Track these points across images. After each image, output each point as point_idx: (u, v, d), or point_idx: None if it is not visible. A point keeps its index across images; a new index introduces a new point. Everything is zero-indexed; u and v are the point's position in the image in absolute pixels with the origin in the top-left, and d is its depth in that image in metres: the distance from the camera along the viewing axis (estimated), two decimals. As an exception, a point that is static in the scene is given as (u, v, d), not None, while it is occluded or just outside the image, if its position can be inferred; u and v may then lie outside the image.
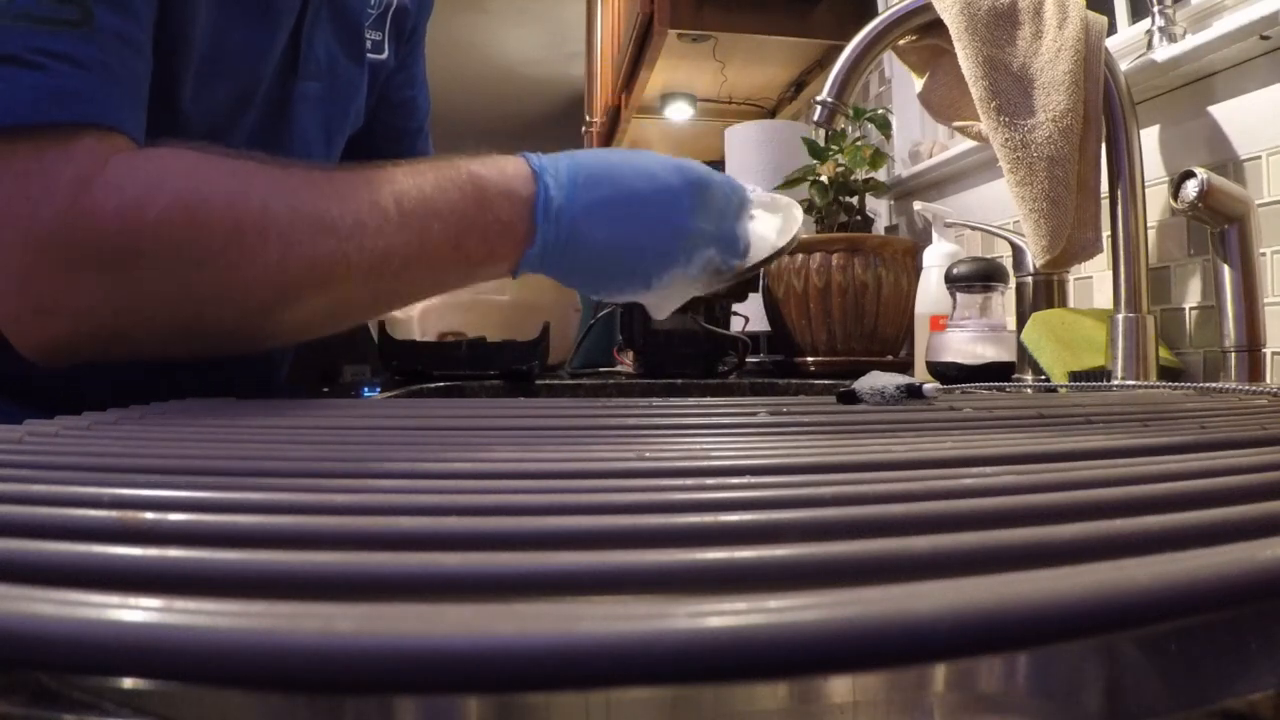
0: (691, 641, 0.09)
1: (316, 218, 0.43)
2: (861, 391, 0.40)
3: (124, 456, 0.22)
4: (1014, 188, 0.66)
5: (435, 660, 0.09)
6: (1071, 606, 0.10)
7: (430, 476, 0.20)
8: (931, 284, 0.89)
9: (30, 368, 0.44)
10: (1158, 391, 0.52)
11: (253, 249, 0.41)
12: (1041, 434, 0.28)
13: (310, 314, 0.45)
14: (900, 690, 0.15)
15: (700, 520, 0.15)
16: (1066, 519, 0.15)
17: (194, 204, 0.40)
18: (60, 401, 0.55)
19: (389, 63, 0.72)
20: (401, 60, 0.75)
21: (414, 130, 0.78)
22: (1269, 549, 0.12)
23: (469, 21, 3.70)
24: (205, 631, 0.09)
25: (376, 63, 0.70)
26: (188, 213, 0.40)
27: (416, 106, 0.78)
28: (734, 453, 0.24)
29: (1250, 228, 0.63)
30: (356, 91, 0.67)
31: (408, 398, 0.75)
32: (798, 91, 1.82)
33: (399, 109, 0.76)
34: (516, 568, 0.12)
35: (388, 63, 0.71)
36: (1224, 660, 0.14)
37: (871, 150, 1.07)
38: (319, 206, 0.43)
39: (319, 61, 0.61)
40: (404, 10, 0.71)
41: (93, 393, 0.56)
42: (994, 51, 0.67)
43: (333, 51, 0.63)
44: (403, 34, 0.73)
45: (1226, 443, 0.25)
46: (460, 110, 4.51)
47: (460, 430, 0.30)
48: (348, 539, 0.14)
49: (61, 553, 0.13)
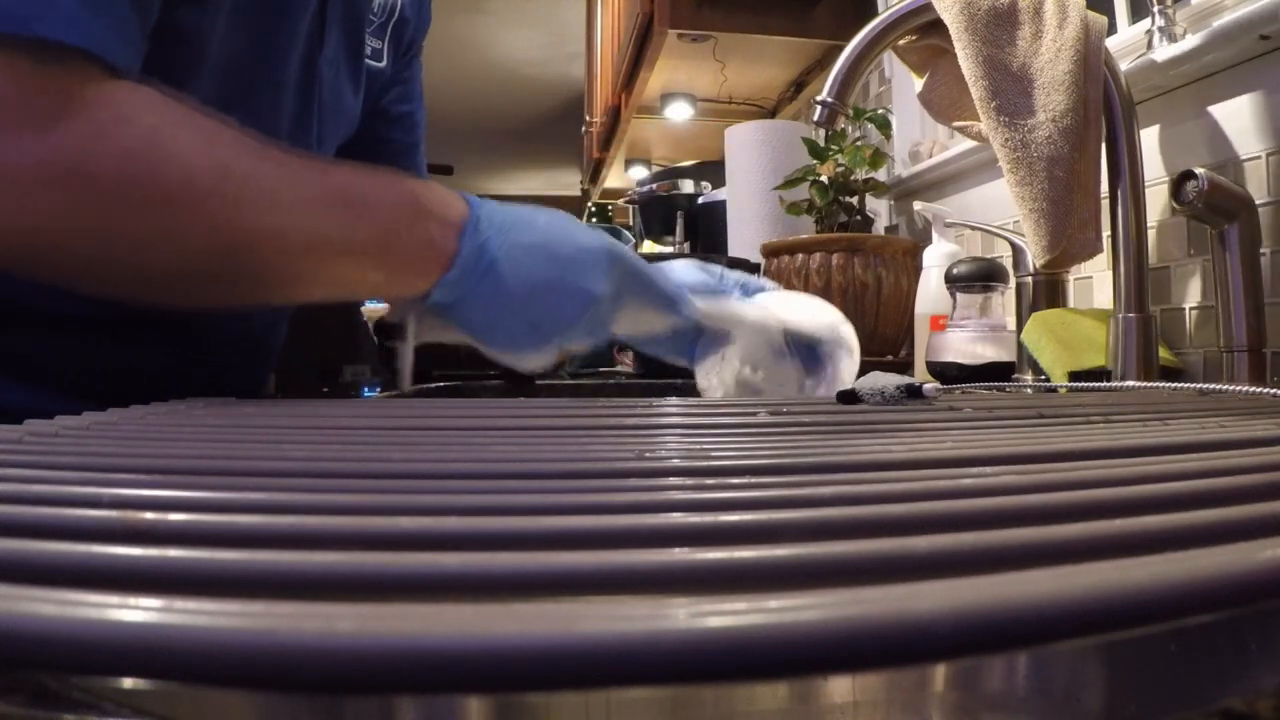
0: (691, 641, 0.09)
1: (265, 190, 0.44)
2: (861, 391, 0.40)
3: (124, 456, 0.22)
4: (1014, 188, 0.66)
5: (435, 660, 0.09)
6: (1071, 606, 0.10)
7: (430, 476, 0.20)
8: (931, 284, 0.89)
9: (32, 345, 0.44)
10: (1158, 391, 0.52)
11: (199, 204, 0.42)
12: (1041, 434, 0.28)
13: (236, 280, 0.47)
14: (900, 690, 0.15)
15: (700, 520, 0.15)
16: (1066, 519, 0.15)
17: (156, 146, 0.42)
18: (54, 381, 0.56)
19: (386, 71, 0.73)
20: (400, 74, 0.76)
21: (411, 145, 0.80)
22: (1269, 549, 0.12)
23: (469, 21, 3.70)
24: (205, 631, 0.09)
25: (374, 70, 0.71)
26: (149, 153, 0.42)
27: (415, 122, 0.80)
28: (734, 453, 0.24)
29: (1250, 228, 0.63)
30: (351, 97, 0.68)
31: (408, 398, 0.75)
32: (798, 91, 1.82)
33: (397, 123, 0.77)
34: (516, 568, 0.12)
35: (384, 71, 0.72)
36: (1224, 660, 0.14)
37: (871, 150, 1.07)
38: (271, 181, 0.45)
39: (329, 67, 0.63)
40: (404, 20, 0.72)
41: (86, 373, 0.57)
42: (994, 51, 0.67)
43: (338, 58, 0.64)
44: (401, 44, 0.74)
45: (1226, 443, 0.25)
46: (460, 110, 4.51)
47: (460, 430, 0.30)
48: (348, 539, 0.14)
49: (61, 553, 0.13)
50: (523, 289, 0.49)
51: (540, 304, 0.50)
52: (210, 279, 0.46)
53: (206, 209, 0.43)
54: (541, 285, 0.50)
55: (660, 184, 1.60)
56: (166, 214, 0.42)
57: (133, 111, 0.42)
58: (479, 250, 0.49)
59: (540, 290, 0.50)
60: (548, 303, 0.50)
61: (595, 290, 0.51)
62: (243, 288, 0.48)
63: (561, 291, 0.50)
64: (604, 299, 0.51)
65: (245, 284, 0.47)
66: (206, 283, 0.47)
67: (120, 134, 0.41)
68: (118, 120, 0.41)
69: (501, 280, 0.49)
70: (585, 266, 0.51)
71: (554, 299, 0.50)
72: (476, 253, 0.49)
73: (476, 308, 0.50)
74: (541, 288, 0.50)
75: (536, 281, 0.50)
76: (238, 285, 0.47)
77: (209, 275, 0.46)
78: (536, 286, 0.50)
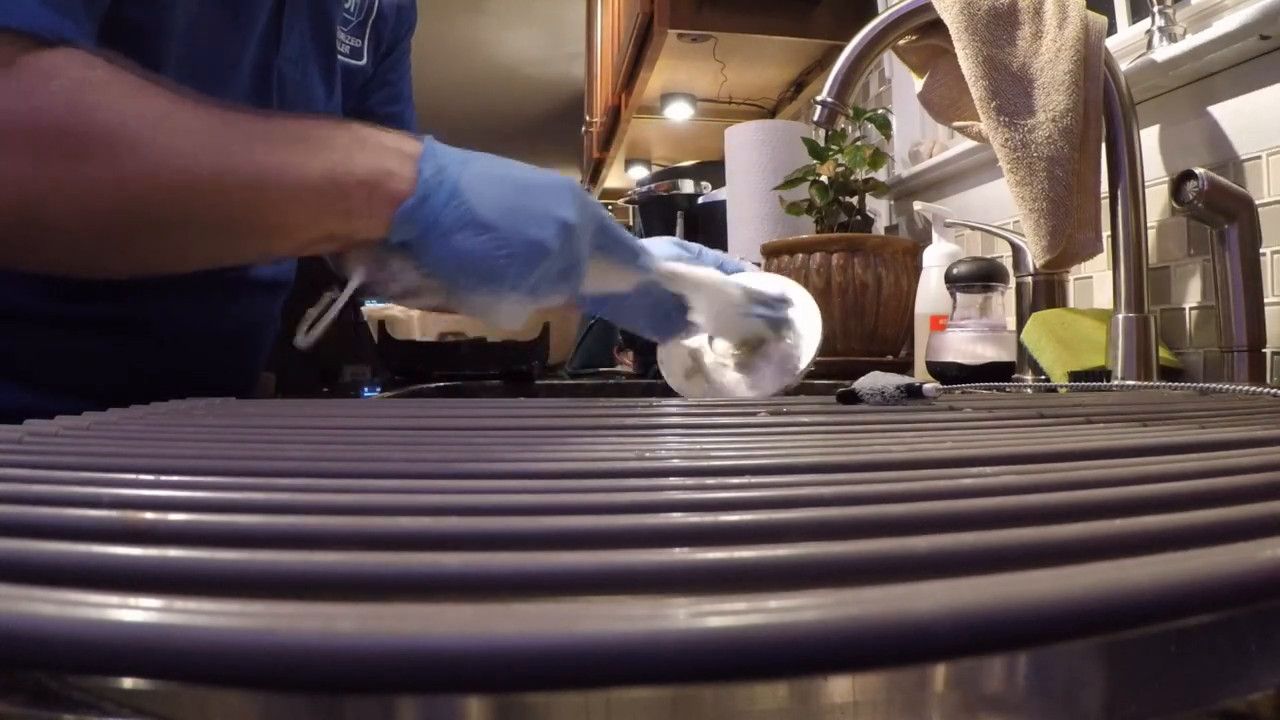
0: (691, 641, 0.09)
1: (201, 133, 0.43)
2: (861, 391, 0.40)
3: (124, 456, 0.22)
4: (1014, 188, 0.66)
5: (435, 660, 0.09)
6: (1071, 606, 0.10)
7: (430, 476, 0.20)
8: (931, 284, 0.89)
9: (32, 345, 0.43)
10: (1158, 391, 0.52)
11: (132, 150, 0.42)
12: (1041, 434, 0.28)
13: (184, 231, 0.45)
14: (900, 690, 0.15)
15: (700, 520, 0.15)
16: (1066, 519, 0.15)
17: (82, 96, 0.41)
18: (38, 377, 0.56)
19: (367, 69, 0.72)
20: (385, 74, 0.76)
21: None
22: (1269, 549, 0.12)
23: (469, 22, 3.70)
24: (205, 631, 0.09)
25: (354, 68, 0.70)
26: (75, 103, 0.41)
27: (404, 121, 0.79)
28: (734, 453, 0.24)
29: (1250, 228, 0.63)
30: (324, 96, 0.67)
31: (408, 398, 0.75)
32: (798, 91, 1.82)
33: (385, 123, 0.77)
34: (516, 568, 0.12)
35: (366, 69, 0.72)
36: (1224, 660, 0.14)
37: (871, 150, 1.07)
38: (207, 125, 0.44)
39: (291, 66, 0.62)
40: (383, 18, 0.72)
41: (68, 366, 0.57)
42: (994, 51, 0.67)
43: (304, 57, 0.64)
44: (381, 42, 0.74)
45: (1226, 443, 0.25)
46: (460, 110, 4.51)
47: (460, 430, 0.30)
48: (348, 539, 0.14)
49: (61, 553, 0.13)
50: (492, 213, 0.46)
51: (511, 230, 0.47)
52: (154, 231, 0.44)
53: (140, 155, 0.42)
54: (510, 210, 0.47)
55: (660, 184, 1.59)
56: (98, 162, 0.41)
57: (62, 68, 0.42)
58: (439, 173, 0.46)
59: (510, 215, 0.47)
60: (519, 229, 0.47)
61: (566, 216, 0.48)
62: (192, 240, 0.46)
63: (532, 217, 0.47)
64: (575, 229, 0.49)
65: (195, 236, 0.45)
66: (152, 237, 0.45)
67: (45, 88, 0.41)
68: (44, 76, 0.41)
69: (468, 206, 0.46)
70: (552, 193, 0.49)
71: (525, 225, 0.47)
72: (437, 175, 0.46)
73: (443, 241, 0.46)
74: (511, 213, 0.47)
75: (505, 206, 0.47)
76: (187, 238, 0.45)
77: (152, 227, 0.44)
78: (506, 211, 0.47)
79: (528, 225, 0.47)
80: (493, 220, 0.46)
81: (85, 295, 0.55)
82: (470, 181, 0.47)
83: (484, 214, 0.46)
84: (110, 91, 0.42)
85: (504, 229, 0.47)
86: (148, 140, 0.42)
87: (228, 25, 0.57)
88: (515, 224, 0.47)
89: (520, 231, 0.47)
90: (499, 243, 0.46)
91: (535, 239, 0.47)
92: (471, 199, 0.46)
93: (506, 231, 0.47)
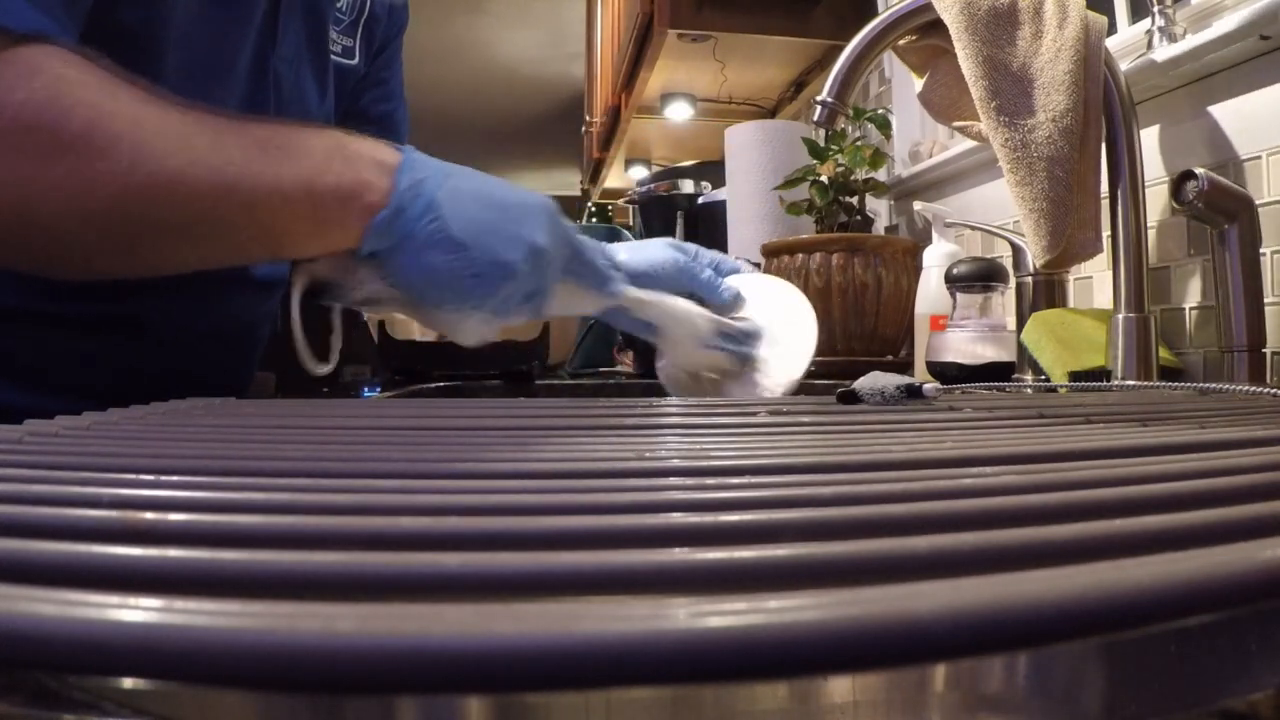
0: (691, 641, 0.09)
1: (177, 136, 0.43)
2: (861, 391, 0.40)
3: (124, 456, 0.22)
4: (1014, 188, 0.66)
5: (435, 660, 0.09)
6: (1071, 606, 0.10)
7: (430, 476, 0.20)
8: (931, 284, 0.89)
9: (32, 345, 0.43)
10: (1158, 391, 0.52)
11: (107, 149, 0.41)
12: (1041, 434, 0.28)
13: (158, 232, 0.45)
14: (900, 690, 0.15)
15: (700, 520, 0.15)
16: (1066, 519, 0.15)
17: (59, 94, 0.41)
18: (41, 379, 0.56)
19: (359, 69, 0.72)
20: (377, 73, 0.76)
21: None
22: (1269, 549, 0.12)
23: (469, 22, 3.70)
24: (205, 631, 0.09)
25: (346, 68, 0.70)
26: (52, 101, 0.41)
27: (396, 121, 0.79)
28: (734, 453, 0.24)
29: (1250, 228, 0.63)
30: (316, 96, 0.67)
31: (408, 398, 0.75)
32: (798, 91, 1.82)
33: (377, 123, 0.77)
34: (516, 568, 0.12)
35: (358, 69, 0.72)
36: (1224, 660, 0.14)
37: (871, 150, 1.07)
38: (183, 128, 0.43)
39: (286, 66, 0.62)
40: (375, 18, 0.72)
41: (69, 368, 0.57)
42: (994, 51, 0.67)
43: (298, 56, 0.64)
44: (373, 41, 0.74)
45: (1226, 443, 0.25)
46: (460, 110, 4.51)
47: (460, 430, 0.30)
48: (348, 539, 0.14)
49: (61, 553, 0.13)
50: (465, 231, 0.46)
51: (482, 251, 0.47)
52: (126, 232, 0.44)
53: (114, 154, 0.42)
54: (484, 230, 0.47)
55: (660, 184, 1.59)
56: (72, 159, 0.41)
57: (40, 65, 0.41)
58: (416, 187, 0.46)
59: (483, 235, 0.47)
60: (490, 250, 0.47)
61: (537, 240, 0.49)
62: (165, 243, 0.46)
63: (504, 238, 0.48)
64: (545, 253, 0.49)
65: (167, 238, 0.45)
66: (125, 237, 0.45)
67: (22, 85, 0.41)
68: (22, 74, 0.41)
69: (442, 222, 0.46)
70: (527, 215, 0.49)
71: (496, 246, 0.47)
72: (414, 189, 0.46)
73: (413, 256, 0.46)
74: (484, 233, 0.47)
75: (480, 224, 0.47)
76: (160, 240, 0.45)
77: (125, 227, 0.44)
78: (479, 230, 0.47)
79: (498, 246, 0.48)
80: (465, 239, 0.47)
81: (85, 295, 0.55)
82: (447, 196, 0.47)
83: (457, 232, 0.46)
84: (87, 90, 0.42)
85: (474, 249, 0.47)
86: (123, 139, 0.42)
87: (224, 26, 0.57)
88: (486, 244, 0.47)
89: (491, 251, 0.47)
90: (467, 262, 0.47)
91: (504, 260, 0.48)
92: (447, 214, 0.46)
93: (476, 251, 0.47)
